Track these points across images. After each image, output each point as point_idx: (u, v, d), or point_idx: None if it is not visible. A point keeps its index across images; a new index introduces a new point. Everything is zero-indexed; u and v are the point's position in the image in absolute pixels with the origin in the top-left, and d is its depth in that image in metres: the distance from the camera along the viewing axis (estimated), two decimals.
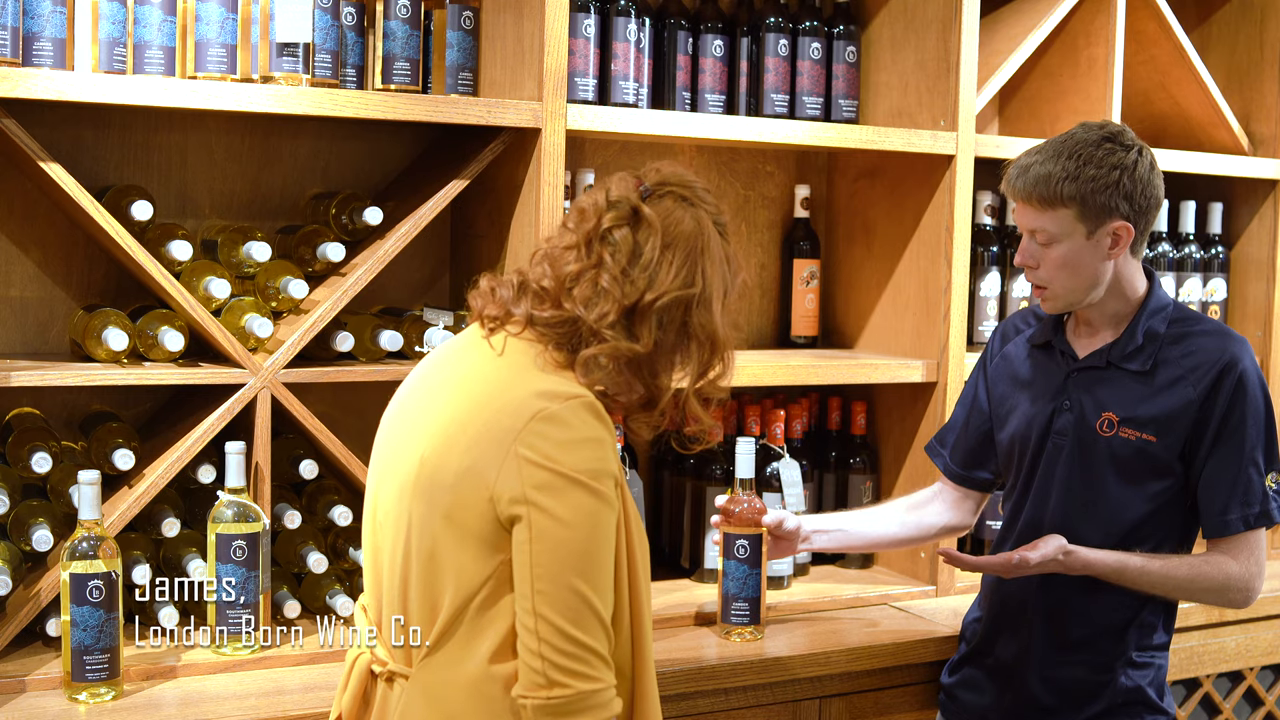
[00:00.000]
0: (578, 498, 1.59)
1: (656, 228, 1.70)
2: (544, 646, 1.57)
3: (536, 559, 1.58)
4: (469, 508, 1.61)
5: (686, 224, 1.71)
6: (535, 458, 1.59)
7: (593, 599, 1.59)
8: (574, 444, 1.60)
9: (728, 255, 1.76)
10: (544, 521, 1.58)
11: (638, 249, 1.69)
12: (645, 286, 1.68)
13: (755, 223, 3.09)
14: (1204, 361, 2.21)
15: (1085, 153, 2.17)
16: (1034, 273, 2.24)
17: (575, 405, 1.62)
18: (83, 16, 2.21)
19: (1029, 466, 2.34)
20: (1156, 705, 2.30)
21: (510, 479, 1.59)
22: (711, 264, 1.72)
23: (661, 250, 1.69)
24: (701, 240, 1.72)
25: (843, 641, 2.51)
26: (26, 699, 2.08)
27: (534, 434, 1.59)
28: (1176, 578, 2.22)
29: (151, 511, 2.30)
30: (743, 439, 2.50)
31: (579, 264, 1.69)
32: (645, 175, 1.77)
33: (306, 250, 2.43)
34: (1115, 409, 2.25)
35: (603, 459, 1.62)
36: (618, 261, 1.68)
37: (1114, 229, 2.18)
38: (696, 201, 1.75)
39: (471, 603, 1.63)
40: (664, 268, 1.68)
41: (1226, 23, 3.41)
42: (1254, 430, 2.21)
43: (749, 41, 2.80)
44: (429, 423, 1.69)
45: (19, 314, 2.42)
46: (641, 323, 1.68)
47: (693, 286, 1.69)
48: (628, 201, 1.72)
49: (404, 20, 2.42)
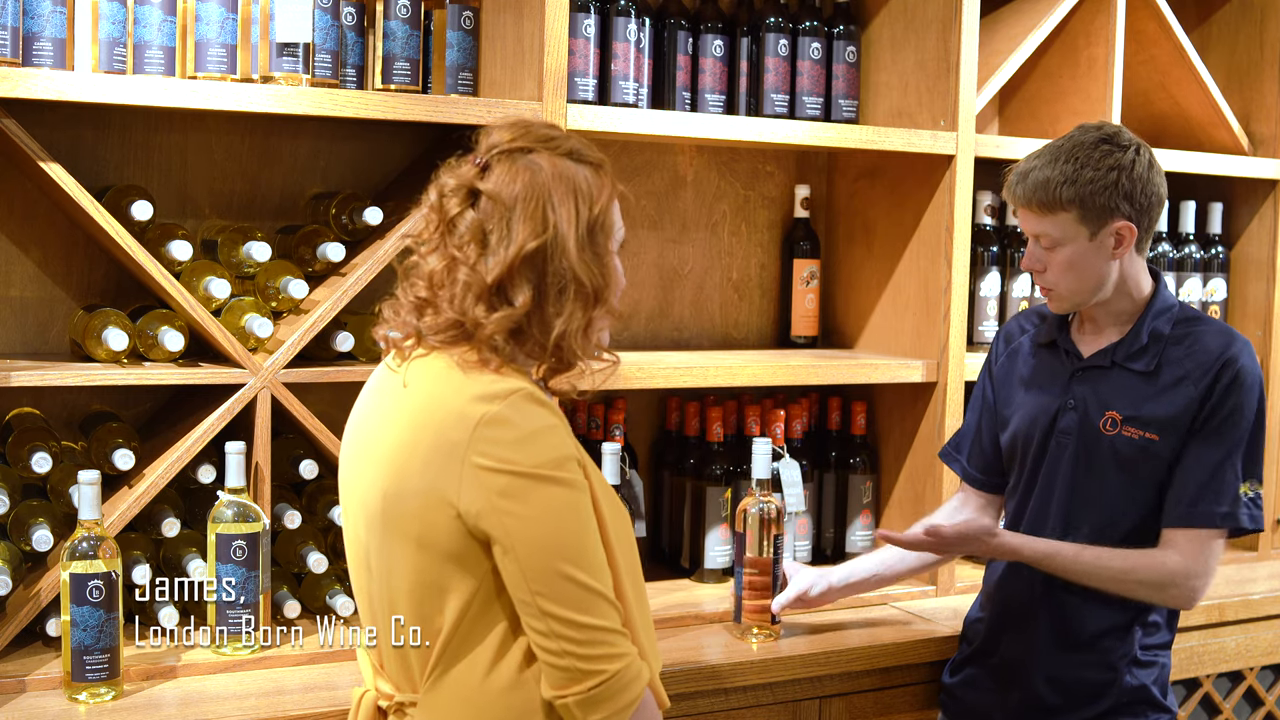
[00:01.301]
0: (545, 493, 1.58)
1: (496, 198, 1.64)
2: (563, 643, 1.58)
3: (525, 564, 1.57)
4: (438, 528, 1.60)
5: (521, 179, 1.64)
6: (491, 464, 1.57)
7: (590, 582, 1.59)
8: (525, 440, 1.58)
9: (581, 187, 1.67)
10: (520, 526, 1.57)
11: (483, 229, 1.64)
12: (503, 255, 1.62)
13: (755, 223, 3.09)
14: (1205, 360, 2.21)
15: (1083, 155, 2.17)
16: (1041, 276, 2.25)
17: (515, 400, 1.60)
18: (83, 16, 2.21)
19: (1033, 464, 2.34)
20: (1160, 704, 2.30)
21: (472, 492, 1.57)
22: (560, 202, 1.64)
23: (502, 219, 1.63)
24: (542, 185, 1.64)
25: (843, 641, 2.51)
26: (26, 699, 2.08)
27: (483, 440, 1.57)
28: (1111, 568, 2.20)
29: (151, 511, 2.30)
30: (759, 440, 2.50)
31: (440, 262, 1.66)
32: (478, 147, 1.71)
33: (306, 250, 2.43)
34: (1119, 408, 2.25)
35: (557, 445, 1.60)
36: (470, 250, 1.64)
37: (1116, 229, 2.18)
38: (534, 146, 1.68)
39: (464, 619, 1.63)
40: (513, 234, 1.62)
41: (1226, 23, 3.41)
42: (1241, 430, 2.20)
43: (749, 41, 2.80)
44: (379, 455, 1.67)
45: (19, 314, 2.42)
46: (510, 289, 1.63)
47: (544, 233, 1.62)
48: (462, 186, 1.67)
49: (404, 20, 2.42)
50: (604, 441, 2.56)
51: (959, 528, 2.26)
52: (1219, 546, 2.22)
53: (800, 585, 2.46)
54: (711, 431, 2.82)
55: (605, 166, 1.72)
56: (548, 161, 1.67)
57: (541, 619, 1.58)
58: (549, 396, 1.71)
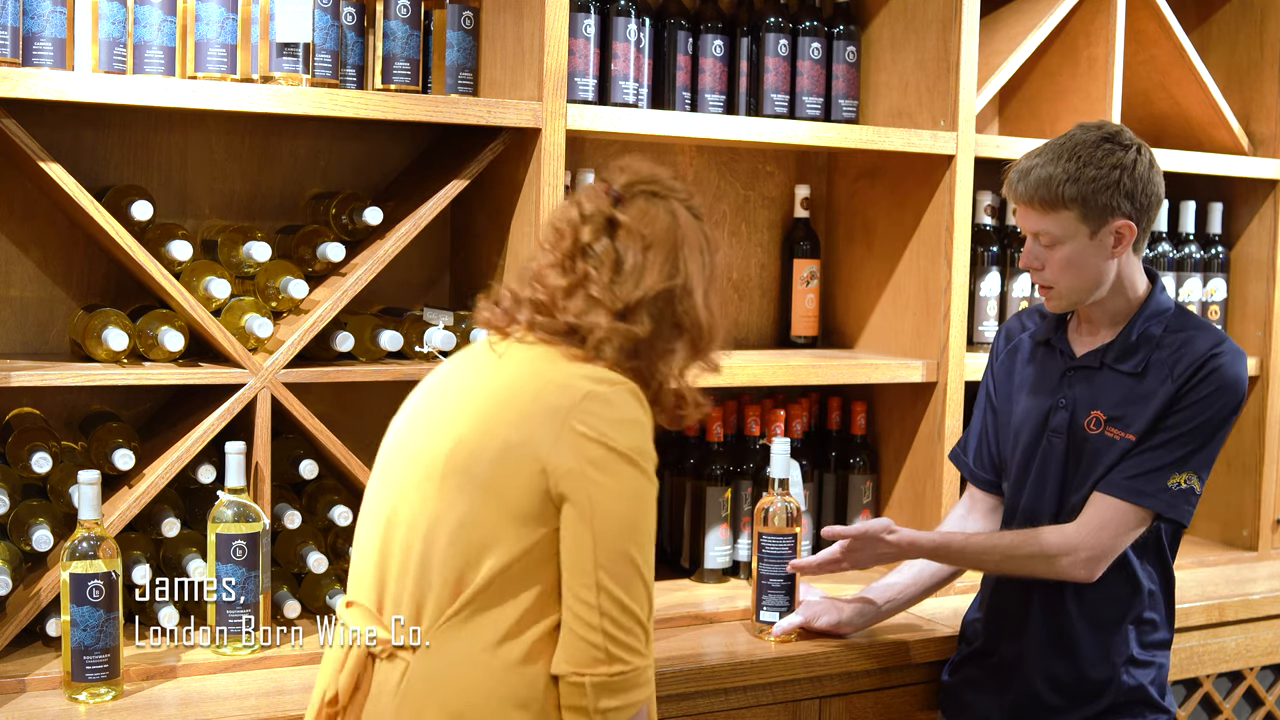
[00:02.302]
0: (630, 473, 1.65)
1: (635, 232, 1.75)
2: (605, 621, 1.62)
3: (599, 534, 1.63)
4: (514, 481, 1.65)
5: (661, 220, 1.76)
6: (590, 433, 1.64)
7: (646, 573, 1.66)
8: (623, 423, 1.67)
9: (705, 238, 1.81)
10: (604, 497, 1.63)
11: (620, 257, 1.74)
12: (633, 288, 1.73)
13: (755, 223, 3.09)
14: (1186, 357, 2.21)
15: (1085, 154, 2.17)
16: (1039, 274, 2.25)
17: (621, 389, 1.69)
18: (83, 16, 2.21)
19: (1025, 462, 2.35)
20: (1158, 704, 2.31)
21: (565, 452, 1.63)
22: (690, 252, 1.77)
23: (642, 252, 1.74)
24: (679, 232, 1.77)
25: (843, 641, 2.50)
26: (26, 699, 2.08)
27: (587, 411, 1.65)
28: (999, 548, 2.25)
29: (151, 511, 2.30)
30: (778, 440, 2.51)
31: (566, 279, 1.74)
32: (612, 178, 1.81)
33: (306, 250, 2.43)
34: (1104, 408, 2.26)
35: (647, 440, 1.70)
36: (603, 273, 1.73)
37: (1116, 228, 2.18)
38: (666, 193, 1.79)
39: (500, 577, 1.64)
40: (647, 270, 1.74)
41: (1226, 23, 3.41)
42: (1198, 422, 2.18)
43: (749, 41, 2.80)
44: (461, 410, 1.73)
45: (19, 314, 2.42)
46: (634, 317, 1.73)
47: (675, 278, 1.75)
48: (601, 213, 1.76)
49: (404, 20, 2.42)
50: None
51: (859, 527, 2.31)
52: (1127, 523, 2.20)
53: (806, 613, 2.47)
54: (711, 431, 2.82)
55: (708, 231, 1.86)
56: (681, 211, 1.80)
57: (594, 592, 1.62)
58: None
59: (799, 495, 2.78)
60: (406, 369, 2.38)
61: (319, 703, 1.77)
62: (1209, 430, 2.20)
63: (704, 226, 1.82)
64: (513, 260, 2.48)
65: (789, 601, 2.50)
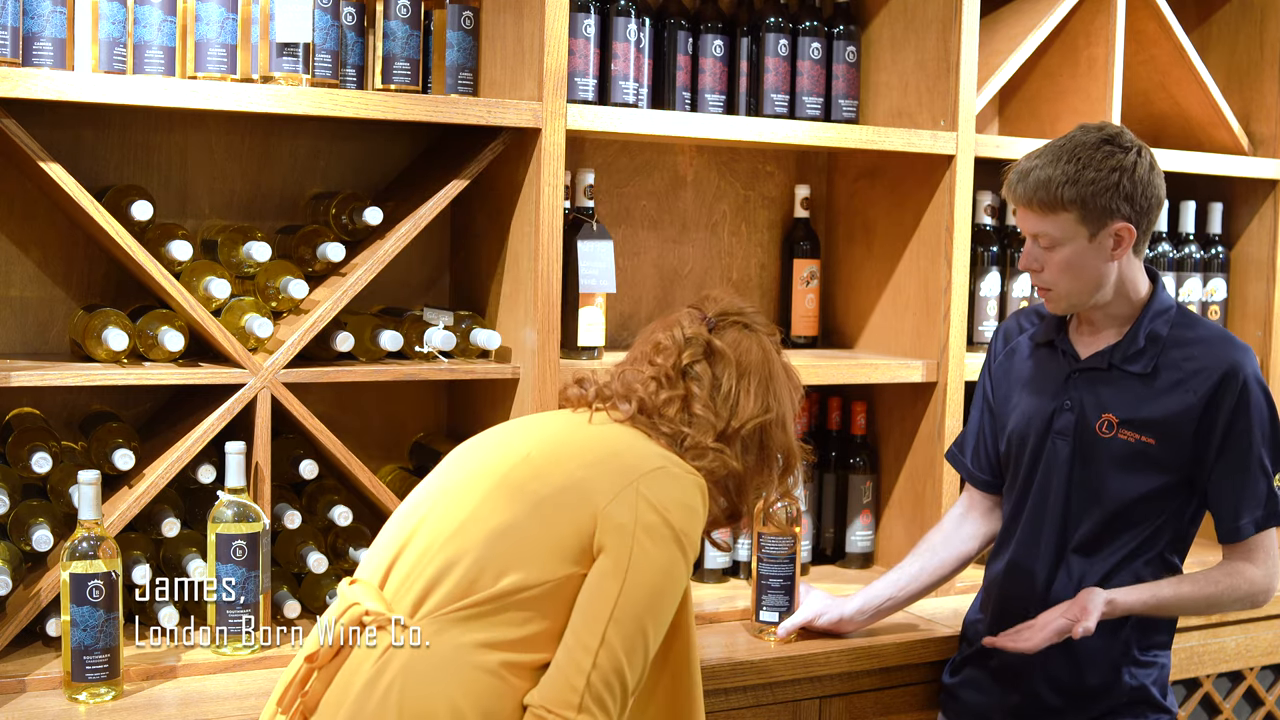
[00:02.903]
0: (673, 551, 1.72)
1: (730, 359, 1.87)
2: (595, 672, 1.64)
3: (626, 596, 1.67)
4: (564, 514, 1.71)
5: (754, 353, 1.89)
6: (653, 499, 1.72)
7: (651, 643, 1.70)
8: (684, 506, 1.75)
9: (789, 372, 1.95)
10: (642, 559, 1.69)
11: (716, 380, 1.87)
12: (729, 415, 1.85)
13: (755, 223, 3.09)
14: (1205, 367, 2.22)
15: (1085, 156, 2.17)
16: (1038, 276, 2.24)
17: (694, 480, 1.79)
18: (83, 16, 2.21)
19: (1029, 464, 2.34)
20: (1160, 704, 2.31)
21: (624, 508, 1.70)
22: (780, 386, 1.90)
23: (738, 380, 1.87)
24: (770, 366, 1.90)
25: (843, 642, 2.50)
26: (26, 699, 2.08)
27: (656, 481, 1.74)
28: (1208, 594, 2.26)
29: (151, 511, 2.30)
30: None
31: (669, 392, 1.85)
32: (704, 306, 1.94)
33: (306, 250, 2.43)
34: (1116, 410, 2.25)
35: (696, 530, 1.77)
36: (703, 392, 1.85)
37: (1116, 230, 2.18)
38: (756, 327, 1.93)
39: (517, 593, 1.68)
40: (743, 396, 1.86)
41: (1226, 23, 3.41)
42: (1259, 434, 2.22)
43: (749, 41, 2.80)
44: (538, 438, 1.83)
45: (19, 314, 2.42)
46: (731, 446, 1.84)
47: (769, 411, 1.87)
48: (701, 337, 1.89)
49: (404, 20, 2.42)
50: None
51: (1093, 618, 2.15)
52: (1274, 540, 2.28)
53: (808, 612, 2.47)
54: None
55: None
56: (770, 345, 1.94)
57: (599, 639, 1.66)
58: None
59: (799, 495, 2.78)
60: (406, 369, 2.38)
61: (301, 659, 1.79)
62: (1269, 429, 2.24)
63: (787, 362, 1.95)
64: (512, 260, 2.48)
65: (789, 601, 2.50)
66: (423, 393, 2.71)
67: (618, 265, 2.78)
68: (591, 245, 2.57)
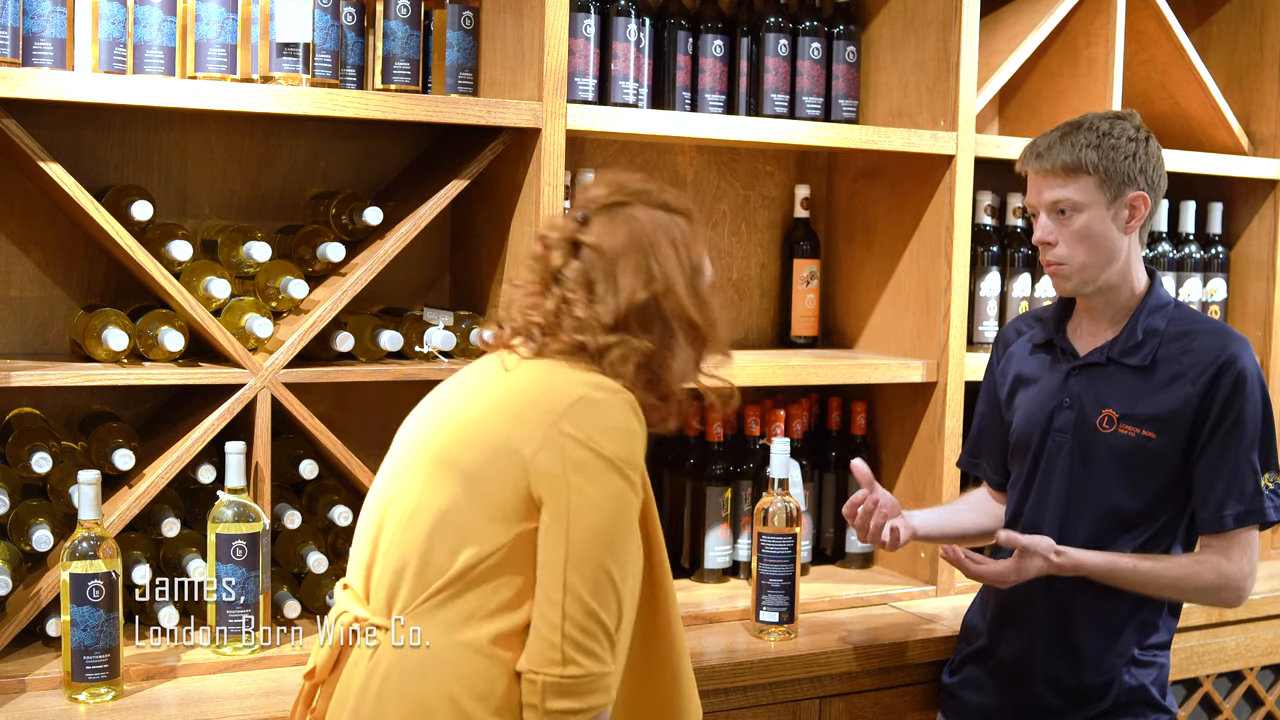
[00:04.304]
0: (613, 481, 1.67)
1: (599, 249, 1.77)
2: (567, 622, 1.63)
3: (573, 538, 1.64)
4: (497, 477, 1.67)
5: (620, 235, 1.78)
6: (578, 435, 1.66)
7: (617, 580, 1.66)
8: (613, 430, 1.68)
9: (681, 232, 1.81)
10: (582, 501, 1.65)
11: (589, 278, 1.77)
12: (615, 302, 1.75)
13: (755, 223, 3.09)
14: (1203, 359, 2.22)
15: (1103, 126, 2.23)
16: (1051, 249, 2.25)
17: (618, 398, 1.71)
18: (83, 16, 2.21)
19: (1031, 463, 2.35)
20: (1160, 704, 2.31)
21: (551, 454, 1.66)
22: (664, 253, 1.78)
23: (606, 270, 1.76)
24: (647, 237, 1.78)
25: (843, 641, 2.51)
26: (26, 699, 2.08)
27: (577, 415, 1.68)
28: (1169, 576, 2.22)
29: (151, 511, 2.30)
30: (778, 440, 2.52)
31: (553, 303, 1.78)
32: (576, 202, 1.85)
33: (306, 250, 2.43)
34: (1115, 405, 2.26)
35: (635, 450, 1.70)
36: (579, 295, 1.76)
37: (1131, 200, 2.22)
38: (630, 200, 1.81)
39: (478, 567, 1.67)
40: (620, 277, 1.76)
41: (1226, 23, 3.41)
42: (1251, 428, 2.22)
43: (749, 41, 2.80)
44: (461, 407, 1.78)
45: (19, 314, 2.42)
46: (629, 330, 1.76)
47: (654, 281, 1.76)
48: (566, 239, 1.79)
49: (404, 20, 2.42)
50: None
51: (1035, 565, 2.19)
52: (1255, 541, 2.26)
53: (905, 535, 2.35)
54: (711, 431, 2.82)
55: (693, 215, 1.85)
56: (644, 214, 1.80)
57: (562, 592, 1.63)
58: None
59: (799, 495, 2.78)
60: (406, 369, 2.38)
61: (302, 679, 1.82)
62: (1262, 426, 2.24)
63: (679, 220, 1.82)
64: (512, 260, 2.48)
65: (789, 601, 2.50)
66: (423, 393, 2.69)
67: None
68: None
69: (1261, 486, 2.23)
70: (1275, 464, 2.26)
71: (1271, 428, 2.26)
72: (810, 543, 2.93)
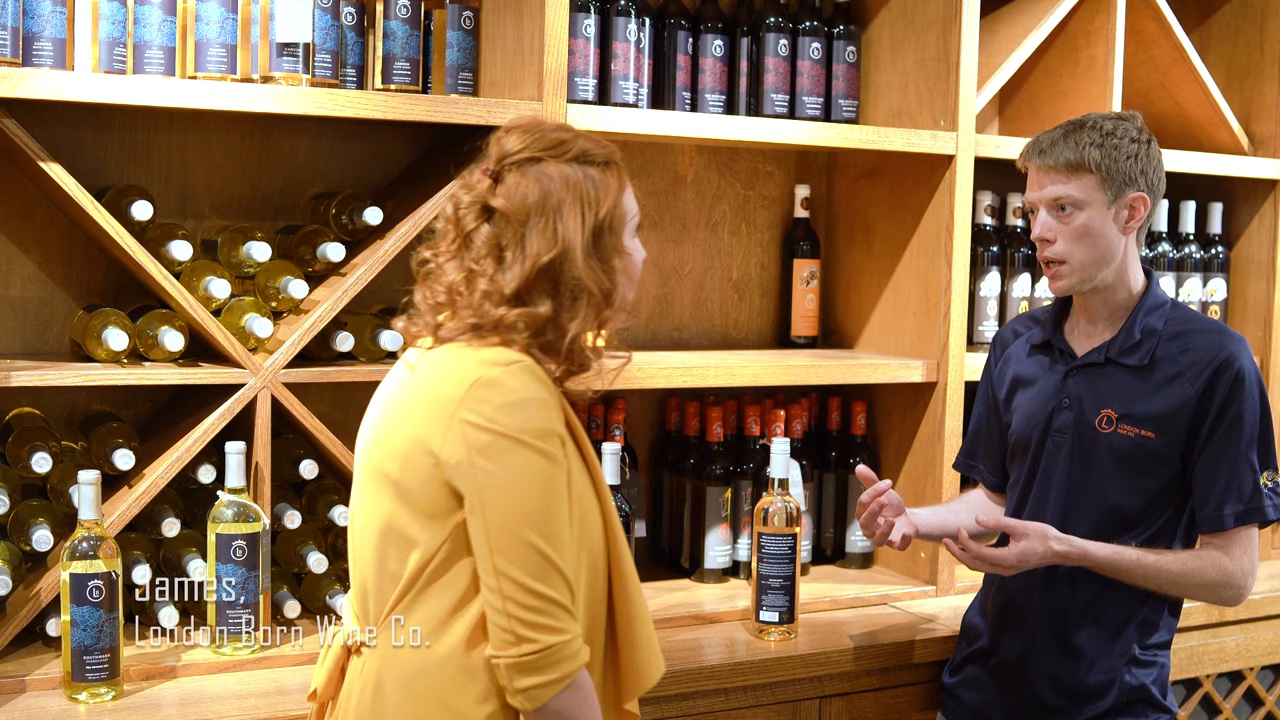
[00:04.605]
0: (522, 456, 1.64)
1: (508, 214, 1.72)
2: (508, 604, 1.63)
3: (490, 522, 1.63)
4: (419, 478, 1.67)
5: (531, 193, 1.72)
6: (478, 420, 1.64)
7: (549, 552, 1.64)
8: (514, 405, 1.65)
9: (587, 194, 1.74)
10: (491, 484, 1.63)
11: (498, 243, 1.72)
12: (519, 270, 1.71)
13: (755, 223, 3.09)
14: (1201, 358, 2.23)
15: (1106, 126, 2.24)
16: (1050, 247, 2.25)
17: (515, 369, 1.68)
18: (83, 16, 2.21)
19: (1030, 464, 2.35)
20: (1160, 704, 2.31)
21: (455, 444, 1.64)
22: (568, 212, 1.72)
23: (515, 234, 1.72)
24: (551, 199, 1.72)
25: (843, 641, 2.51)
26: (26, 699, 2.08)
27: (475, 399, 1.65)
28: (1171, 571, 2.22)
29: (151, 511, 2.30)
30: (778, 440, 2.52)
31: (458, 273, 1.74)
32: (489, 153, 1.78)
33: (306, 250, 2.43)
34: (1114, 405, 2.26)
35: (544, 418, 1.67)
36: (488, 264, 1.72)
37: (1131, 200, 2.23)
38: (542, 155, 1.74)
39: (427, 568, 1.68)
40: (529, 243, 1.71)
41: (1226, 23, 3.41)
42: (1249, 427, 2.22)
43: (749, 41, 2.80)
44: (382, 414, 1.78)
45: (19, 314, 2.42)
46: (527, 297, 1.71)
47: (554, 247, 1.71)
48: (476, 202, 1.75)
49: (404, 20, 2.42)
50: (604, 441, 2.56)
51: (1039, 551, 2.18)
52: (1255, 539, 2.26)
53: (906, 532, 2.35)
54: (711, 431, 2.82)
55: (614, 161, 1.79)
56: (556, 170, 1.74)
57: (495, 577, 1.63)
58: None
59: (799, 495, 2.78)
60: None
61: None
62: (1260, 425, 2.24)
63: (593, 173, 1.75)
64: None
65: (789, 601, 2.50)
66: None
67: None
68: None
69: (1260, 485, 2.23)
70: (1273, 462, 2.26)
71: (1269, 426, 2.26)
72: (810, 543, 2.93)
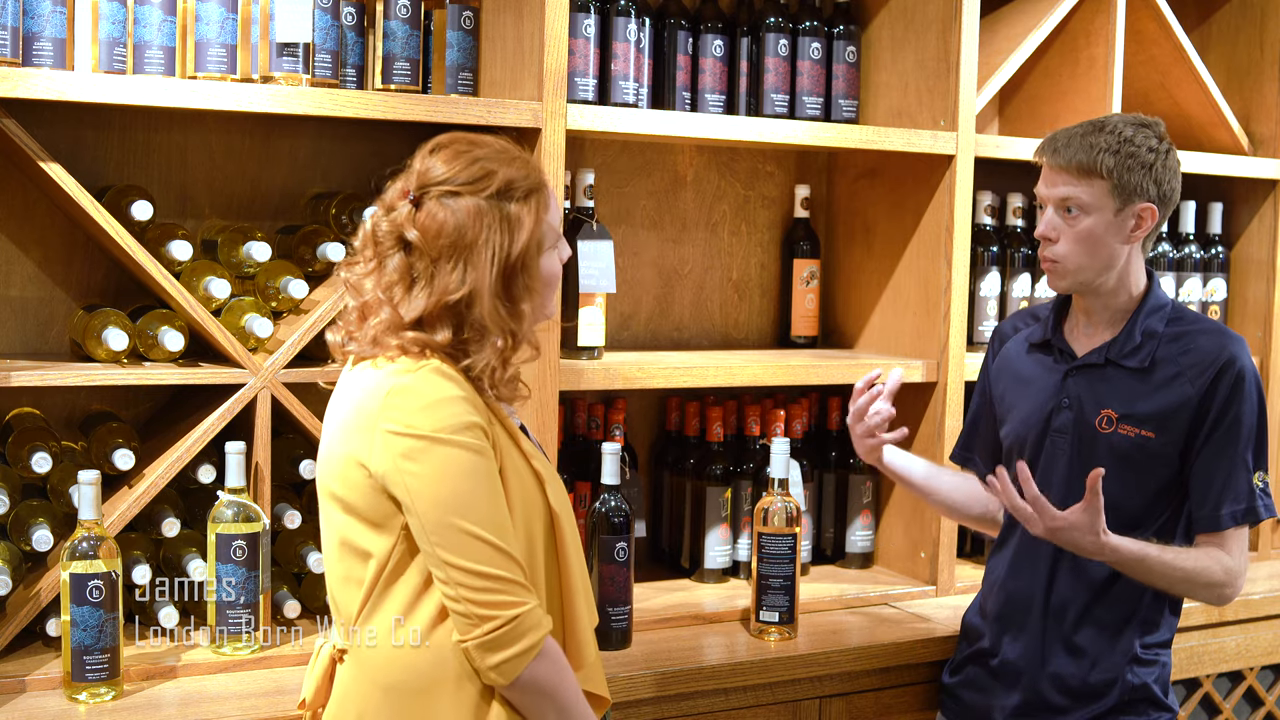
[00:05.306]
0: (443, 453, 1.70)
1: (421, 247, 1.76)
2: (460, 589, 1.69)
3: (425, 518, 1.69)
4: (356, 490, 1.75)
5: (447, 229, 1.75)
6: (396, 428, 1.70)
7: (487, 536, 1.70)
8: (428, 408, 1.71)
9: (497, 235, 1.76)
10: (419, 484, 1.69)
11: (410, 273, 1.77)
12: (423, 303, 1.75)
13: (755, 223, 3.09)
14: (1203, 359, 2.23)
15: (1126, 132, 2.22)
16: (1051, 246, 2.25)
17: (424, 373, 1.74)
18: (83, 16, 2.21)
19: (1029, 462, 2.34)
20: (1162, 703, 2.31)
21: (379, 454, 1.71)
22: (479, 257, 1.75)
23: (426, 267, 1.76)
24: (465, 238, 1.75)
25: (843, 641, 2.51)
26: (26, 699, 2.08)
27: (391, 407, 1.72)
28: (1183, 569, 2.21)
29: (151, 511, 2.30)
30: (778, 440, 2.52)
31: (372, 294, 1.79)
32: (413, 168, 1.81)
33: (306, 250, 2.43)
34: (1114, 406, 2.26)
35: (460, 413, 1.72)
36: (398, 289, 1.77)
37: (1139, 210, 2.21)
38: (461, 190, 1.76)
39: (384, 572, 1.76)
40: (437, 280, 1.75)
41: (1226, 23, 3.41)
42: (1247, 429, 2.23)
43: (749, 41, 2.80)
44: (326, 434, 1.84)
45: (19, 314, 2.42)
46: (428, 327, 1.76)
47: (461, 288, 1.75)
48: (394, 230, 1.78)
49: (404, 20, 2.42)
50: (604, 441, 2.56)
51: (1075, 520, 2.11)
52: (1246, 539, 2.27)
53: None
54: (711, 431, 2.82)
55: (535, 190, 1.80)
56: (473, 206, 1.76)
57: (442, 568, 1.70)
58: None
59: (799, 495, 2.78)
60: None
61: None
62: (1256, 426, 2.24)
63: (511, 208, 1.77)
64: None
65: (789, 601, 2.50)
66: None
67: (618, 265, 2.78)
68: (591, 245, 2.57)
69: (1253, 485, 2.24)
70: (1265, 463, 2.27)
71: (1265, 427, 2.27)
72: (810, 543, 2.93)
